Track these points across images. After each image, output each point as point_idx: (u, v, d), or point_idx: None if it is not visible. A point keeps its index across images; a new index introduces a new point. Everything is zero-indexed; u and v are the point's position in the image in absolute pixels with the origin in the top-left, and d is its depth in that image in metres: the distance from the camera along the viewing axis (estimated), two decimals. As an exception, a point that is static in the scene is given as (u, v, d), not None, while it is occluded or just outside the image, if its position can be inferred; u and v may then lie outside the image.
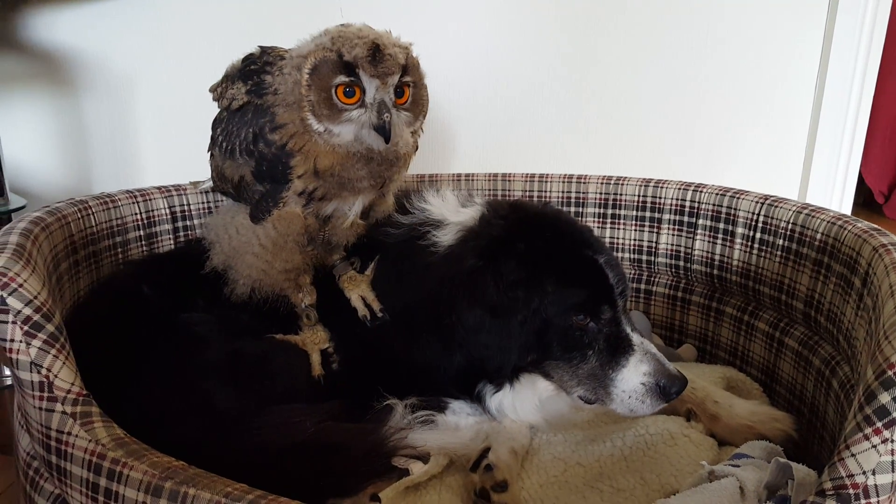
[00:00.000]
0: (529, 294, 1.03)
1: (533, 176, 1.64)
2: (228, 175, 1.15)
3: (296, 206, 1.10)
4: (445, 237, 1.12)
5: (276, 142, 1.04)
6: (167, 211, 1.47)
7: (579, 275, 1.05)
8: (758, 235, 1.34)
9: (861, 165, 2.21)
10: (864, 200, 3.61)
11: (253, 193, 1.12)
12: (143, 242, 1.42)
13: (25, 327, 0.82)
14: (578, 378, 1.06)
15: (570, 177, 1.61)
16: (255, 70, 1.10)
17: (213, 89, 1.18)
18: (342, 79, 1.00)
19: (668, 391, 1.01)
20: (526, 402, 1.11)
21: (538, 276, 1.03)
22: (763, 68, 2.02)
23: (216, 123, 1.16)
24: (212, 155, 1.20)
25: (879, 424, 0.70)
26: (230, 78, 1.14)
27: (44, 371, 0.82)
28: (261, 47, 1.14)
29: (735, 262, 1.40)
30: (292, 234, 1.11)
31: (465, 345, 1.05)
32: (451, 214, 1.16)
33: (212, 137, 1.18)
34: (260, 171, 1.08)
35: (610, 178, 1.57)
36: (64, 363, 0.84)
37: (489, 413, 1.09)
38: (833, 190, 2.16)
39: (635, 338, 1.05)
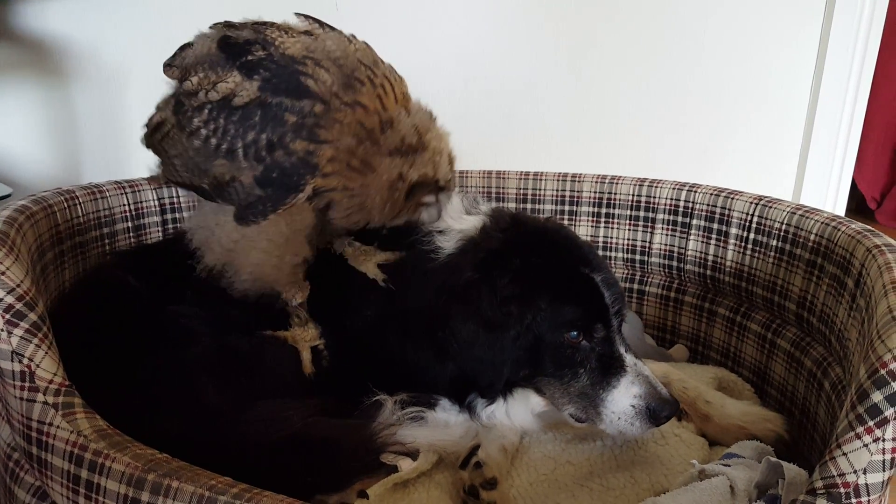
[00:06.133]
0: (523, 310, 1.02)
1: (528, 174, 1.63)
2: (214, 172, 1.05)
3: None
4: (447, 244, 1.11)
5: (298, 151, 0.98)
6: (156, 202, 1.45)
7: (574, 292, 1.05)
8: (751, 236, 1.34)
9: (854, 171, 2.22)
10: (857, 206, 3.62)
11: (245, 196, 1.04)
12: (132, 234, 1.40)
13: (7, 315, 0.80)
14: (569, 396, 1.05)
15: (565, 175, 1.60)
16: (256, 61, 1.01)
17: (183, 72, 1.07)
18: None
19: (658, 415, 1.00)
20: (519, 414, 1.10)
21: (532, 292, 1.03)
22: (759, 73, 2.03)
23: (194, 111, 1.05)
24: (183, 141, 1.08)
25: (871, 423, 0.70)
26: (215, 64, 1.04)
27: (25, 360, 0.81)
28: (253, 24, 1.04)
29: (728, 263, 1.40)
30: (304, 228, 1.07)
31: (458, 357, 1.04)
32: (455, 221, 1.15)
33: (180, 123, 1.06)
34: (268, 177, 1.01)
35: (604, 177, 1.57)
36: (46, 353, 0.83)
37: (480, 422, 1.08)
38: (826, 195, 2.18)
39: (628, 359, 1.04)
